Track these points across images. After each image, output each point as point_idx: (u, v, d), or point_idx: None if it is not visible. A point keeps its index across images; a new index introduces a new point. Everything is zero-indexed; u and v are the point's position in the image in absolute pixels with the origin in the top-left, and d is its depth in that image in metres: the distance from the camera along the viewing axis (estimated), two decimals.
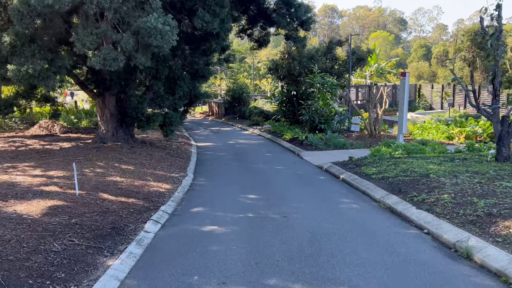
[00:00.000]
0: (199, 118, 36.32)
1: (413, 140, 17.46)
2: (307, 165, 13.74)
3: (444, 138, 17.04)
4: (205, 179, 11.49)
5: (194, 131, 25.54)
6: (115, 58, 8.64)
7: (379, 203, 8.65)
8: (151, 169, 11.65)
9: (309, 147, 16.72)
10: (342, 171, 11.77)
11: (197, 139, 21.70)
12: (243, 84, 33.46)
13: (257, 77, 46.68)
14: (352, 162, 12.78)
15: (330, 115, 20.52)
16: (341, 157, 14.21)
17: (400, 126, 16.33)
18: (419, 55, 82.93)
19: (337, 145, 16.46)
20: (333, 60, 23.86)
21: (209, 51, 13.65)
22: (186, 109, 16.76)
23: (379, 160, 12.34)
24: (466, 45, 30.56)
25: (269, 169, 13.03)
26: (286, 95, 23.53)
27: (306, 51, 23.81)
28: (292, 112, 23.32)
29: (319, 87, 20.82)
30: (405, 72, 16.10)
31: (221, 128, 27.07)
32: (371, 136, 18.34)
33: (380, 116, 18.32)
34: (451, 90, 29.67)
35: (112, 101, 14.63)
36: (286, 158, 15.41)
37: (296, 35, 17.21)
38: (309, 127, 20.57)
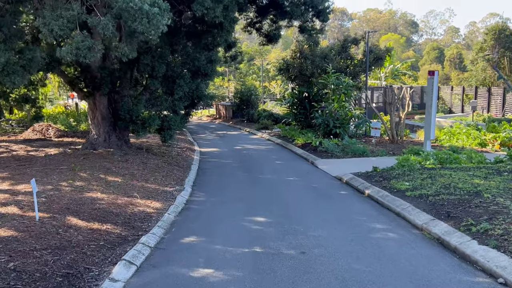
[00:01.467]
0: (206, 121, 34.54)
1: (440, 147, 15.44)
2: (324, 176, 11.83)
3: (476, 145, 15.03)
4: (204, 194, 9.62)
5: (199, 135, 23.73)
6: (90, 47, 6.84)
7: (422, 231, 6.72)
8: (142, 181, 9.83)
9: (324, 154, 14.79)
10: (367, 185, 9.83)
11: (202, 144, 19.88)
12: (251, 86, 31.62)
13: (266, 79, 44.83)
14: (378, 173, 10.83)
15: (346, 119, 18.58)
16: (362, 166, 12.29)
17: (427, 131, 14.33)
18: (432, 58, 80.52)
19: (356, 152, 14.51)
20: (347, 59, 21.93)
21: (212, 45, 11.84)
22: (188, 111, 14.94)
23: (409, 172, 10.39)
24: (490, 45, 28.39)
25: (280, 181, 11.14)
26: (298, 97, 21.63)
27: (319, 50, 21.92)
28: (304, 115, 21.40)
29: (334, 88, 18.91)
30: (433, 71, 14.13)
31: (228, 132, 25.24)
32: (392, 142, 16.37)
33: (402, 120, 16.34)
34: (473, 93, 27.55)
35: (103, 102, 12.86)
36: (299, 166, 13.50)
37: (311, 27, 15.26)
38: (323, 132, 18.65)
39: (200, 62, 12.33)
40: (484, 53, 28.85)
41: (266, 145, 19.28)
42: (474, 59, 30.41)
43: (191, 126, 29.59)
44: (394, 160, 13.20)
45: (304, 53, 20.97)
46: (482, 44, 29.61)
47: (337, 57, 20.99)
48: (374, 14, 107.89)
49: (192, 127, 28.59)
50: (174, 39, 11.94)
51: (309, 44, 21.52)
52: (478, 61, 29.24)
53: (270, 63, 45.97)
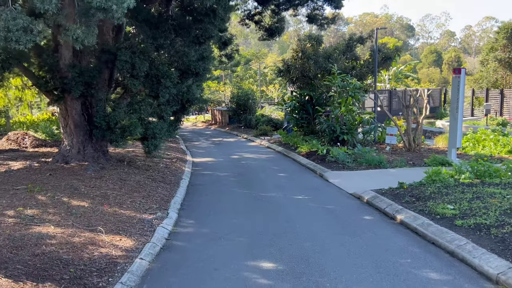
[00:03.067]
0: (201, 127, 32.44)
1: (465, 156, 13.43)
2: (338, 193, 9.77)
3: (506, 153, 13.04)
4: (194, 223, 7.53)
5: (193, 143, 21.64)
6: (25, 27, 4.84)
7: (499, 284, 4.67)
8: (115, 205, 7.73)
9: (333, 165, 12.74)
10: (396, 207, 7.78)
11: (195, 152, 17.78)
12: (248, 90, 29.60)
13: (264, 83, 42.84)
14: (406, 191, 8.80)
15: (354, 124, 16.56)
16: (382, 180, 10.30)
17: (452, 138, 12.33)
18: (429, 61, 78.89)
19: (371, 162, 12.46)
20: (353, 59, 19.93)
21: (204, 38, 9.80)
22: (178, 117, 12.85)
23: (445, 189, 8.36)
24: (502, 44, 26.51)
25: (287, 201, 9.06)
26: (299, 100, 19.60)
27: (321, 50, 19.94)
28: (307, 120, 19.36)
29: (339, 90, 16.91)
30: (459, 68, 12.13)
31: (224, 139, 23.16)
32: (409, 150, 14.34)
33: (420, 125, 14.32)
34: (483, 95, 25.63)
35: (76, 107, 10.78)
36: (306, 180, 11.45)
37: (322, 15, 13.15)
38: (329, 139, 16.62)
39: (190, 59, 10.26)
40: (495, 53, 27.01)
41: (266, 153, 17.22)
42: (484, 59, 28.55)
43: (185, 132, 27.51)
44: (417, 172, 11.23)
45: (307, 53, 18.96)
46: (493, 44, 27.73)
47: (342, 57, 18.99)
48: (370, 18, 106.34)
49: (186, 134, 26.50)
50: (158, 32, 9.88)
51: (311, 43, 19.54)
52: (489, 61, 27.37)
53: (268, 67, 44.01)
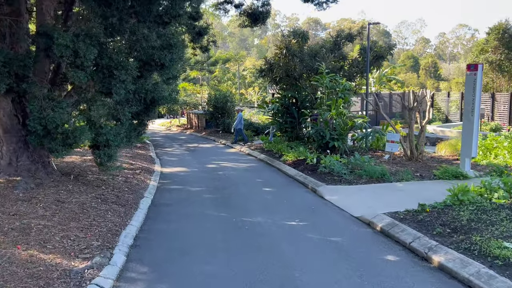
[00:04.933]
0: (176, 131, 29.88)
1: (477, 166, 11.53)
2: (340, 217, 7.61)
3: None
4: (147, 274, 5.17)
5: (165, 149, 19.18)
6: None
7: None
8: (36, 245, 5.33)
9: (328, 178, 10.60)
10: (427, 242, 5.66)
11: (166, 161, 15.37)
12: (227, 92, 27.31)
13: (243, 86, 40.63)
14: (430, 215, 6.72)
15: (345, 129, 14.52)
16: (391, 198, 8.32)
17: (466, 146, 10.37)
18: (407, 67, 78.36)
19: (373, 175, 10.37)
20: (340, 59, 17.94)
21: (169, 17, 7.49)
22: (141, 120, 10.45)
23: (483, 214, 6.33)
24: (493, 45, 25.12)
25: (278, 230, 6.83)
26: (283, 103, 17.46)
27: (307, 47, 17.91)
28: (292, 124, 17.23)
29: (328, 91, 14.86)
30: (476, 64, 10.23)
31: (200, 145, 20.78)
32: (410, 159, 12.36)
33: (424, 130, 12.36)
34: None
35: (5, 106, 8.31)
36: (297, 197, 9.26)
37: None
38: (317, 145, 14.56)
39: (151, 44, 7.90)
40: (486, 54, 25.60)
41: (247, 162, 14.98)
42: (473, 61, 27.13)
43: (157, 137, 24.97)
44: (429, 187, 9.26)
45: (292, 50, 16.86)
46: (483, 45, 26.34)
47: (330, 55, 16.96)
48: (348, 24, 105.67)
49: (158, 139, 23.98)
50: (110, 10, 7.51)
51: (297, 39, 17.48)
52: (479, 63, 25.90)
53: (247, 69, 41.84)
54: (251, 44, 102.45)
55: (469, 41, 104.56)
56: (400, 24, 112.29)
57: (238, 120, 19.54)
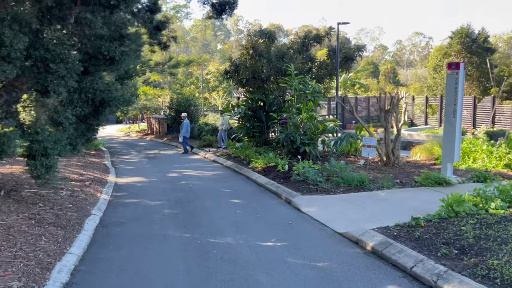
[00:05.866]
0: (135, 137, 28.06)
1: (457, 171, 10.86)
2: (323, 234, 6.56)
3: (503, 167, 10.68)
4: None
5: (122, 157, 17.58)
6: None
7: None
8: None
9: (302, 186, 9.57)
10: (433, 266, 4.68)
11: (122, 170, 13.86)
12: (190, 96, 25.90)
13: (207, 90, 39.25)
14: (427, 230, 5.79)
15: (316, 133, 13.62)
16: (375, 209, 7.46)
17: (448, 150, 9.64)
18: (367, 73, 79.62)
19: (351, 182, 9.43)
20: (309, 60, 17.08)
21: None
22: (90, 125, 8.99)
23: (488, 229, 5.45)
24: (456, 49, 25.20)
25: (252, 255, 5.67)
26: (250, 106, 16.37)
27: (275, 48, 16.96)
28: (260, 129, 16.17)
29: (298, 94, 13.93)
30: (457, 63, 9.53)
31: (161, 152, 19.29)
32: (387, 164, 11.57)
33: (400, 134, 11.61)
34: (437, 103, 24.03)
35: None
36: (271, 210, 8.14)
37: None
38: (287, 150, 13.54)
39: (97, 32, 6.56)
40: (449, 58, 25.66)
41: (213, 169, 13.73)
42: (437, 65, 27.24)
43: (114, 144, 23.21)
44: (414, 195, 8.43)
45: (259, 50, 15.83)
46: (446, 49, 26.42)
47: (298, 56, 16.06)
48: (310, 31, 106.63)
49: (115, 146, 22.24)
50: None
51: (264, 39, 16.48)
52: (442, 67, 25.97)
53: (210, 73, 40.53)
54: (214, 49, 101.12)
55: (424, 49, 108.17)
56: (360, 31, 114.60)
57: (185, 129, 18.18)
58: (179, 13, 45.36)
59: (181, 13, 47.05)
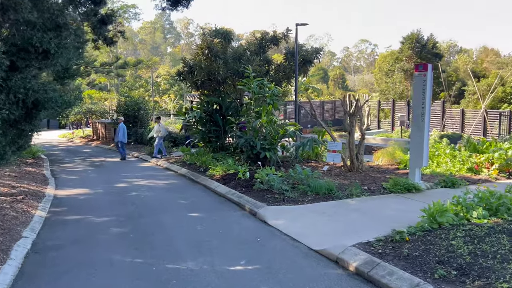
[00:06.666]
0: (79, 144, 26.00)
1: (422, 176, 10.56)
2: (295, 252, 5.79)
3: (467, 171, 10.53)
4: None
5: (64, 165, 15.93)
6: None
7: None
8: None
9: (267, 196, 8.79)
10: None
11: (64, 181, 12.38)
12: (139, 99, 24.41)
13: (157, 93, 37.58)
14: (414, 246, 5.19)
15: (276, 138, 12.95)
16: (348, 220, 6.93)
17: (416, 155, 9.27)
18: (317, 78, 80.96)
19: (319, 190, 8.78)
20: (266, 63, 16.42)
21: None
22: (21, 131, 7.64)
23: (482, 243, 4.97)
24: (407, 54, 25.71)
25: (219, 282, 4.78)
26: (206, 110, 15.40)
27: (231, 49, 16.17)
28: (216, 133, 15.24)
29: (256, 97, 13.20)
30: (425, 64, 9.20)
31: (108, 159, 17.78)
32: (351, 169, 11.09)
33: (364, 138, 11.17)
34: (389, 107, 24.32)
35: None
36: (235, 225, 7.27)
37: None
38: (246, 156, 12.75)
39: (24, 16, 5.37)
40: (401, 63, 26.13)
41: (166, 178, 12.62)
42: (389, 70, 27.68)
43: (55, 151, 21.27)
44: (386, 204, 7.98)
45: (215, 50, 14.93)
46: (398, 54, 26.92)
47: (256, 58, 15.35)
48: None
49: (57, 153, 20.35)
50: None
51: (220, 39, 15.62)
52: (394, 72, 26.41)
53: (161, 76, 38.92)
54: (164, 52, 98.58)
55: (370, 55, 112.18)
56: (309, 38, 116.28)
57: (121, 133, 16.92)
58: (127, 13, 43.31)
59: (129, 13, 44.98)
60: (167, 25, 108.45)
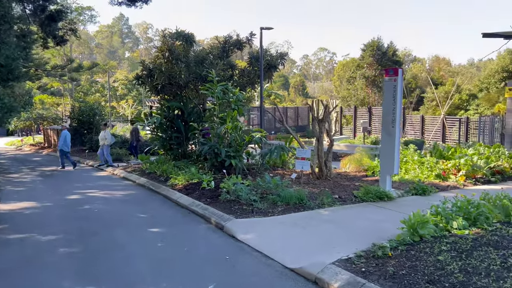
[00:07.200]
0: (28, 152, 24.19)
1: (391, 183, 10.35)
2: (269, 271, 5.25)
3: (435, 177, 10.43)
4: None
5: (9, 175, 14.56)
6: None
7: None
8: None
9: (235, 207, 8.20)
10: None
11: (8, 193, 11.19)
12: (95, 104, 23.09)
13: (114, 99, 36.02)
14: (399, 262, 4.78)
15: (242, 144, 12.42)
16: (323, 233, 6.53)
17: (387, 161, 9.01)
18: (279, 85, 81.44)
19: (289, 200, 8.29)
20: (229, 67, 15.86)
21: None
22: None
23: (474, 258, 4.63)
24: (368, 61, 26.00)
25: None
26: (167, 115, 14.60)
27: (193, 53, 15.52)
28: (178, 140, 14.47)
29: (220, 102, 12.63)
30: (395, 68, 8.97)
31: (60, 168, 16.50)
32: (319, 177, 10.71)
33: (332, 145, 10.84)
34: (351, 113, 24.46)
35: None
36: (201, 241, 6.63)
37: None
38: (210, 164, 12.12)
39: None
40: (362, 70, 26.41)
41: (123, 188, 11.73)
42: (351, 77, 27.91)
43: (1, 160, 19.60)
44: (360, 213, 7.67)
45: (176, 53, 14.18)
46: (359, 61, 27.20)
47: (219, 62, 14.76)
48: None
49: (2, 162, 18.76)
50: None
51: (181, 41, 14.92)
52: (356, 79, 26.63)
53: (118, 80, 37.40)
54: (122, 56, 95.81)
55: (328, 63, 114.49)
56: (270, 45, 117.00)
57: (62, 140, 15.87)
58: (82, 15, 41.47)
59: (84, 15, 43.09)
60: (125, 29, 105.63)
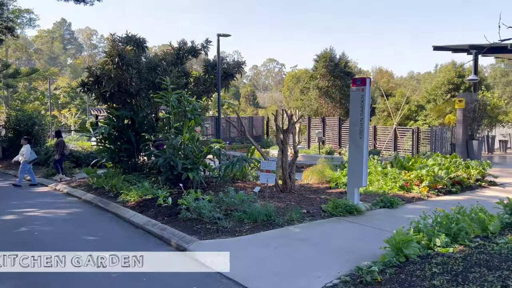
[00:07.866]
0: None
1: None
2: None
3: (399, 189, 10.25)
4: None
5: None
6: None
7: None
8: None
9: (198, 226, 7.42)
10: None
11: None
12: (34, 113, 21.16)
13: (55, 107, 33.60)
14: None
15: (200, 156, 11.66)
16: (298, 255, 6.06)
17: (355, 174, 8.65)
18: (230, 95, 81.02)
19: (257, 217, 7.64)
20: (184, 75, 15.04)
21: None
22: None
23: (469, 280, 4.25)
24: (321, 72, 26.11)
25: None
26: (116, 125, 13.46)
27: (145, 59, 14.59)
28: (128, 152, 13.35)
29: (175, 111, 11.82)
30: (363, 78, 8.68)
31: None
32: (283, 190, 10.18)
33: (297, 156, 10.37)
34: (305, 123, 24.40)
35: None
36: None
37: None
38: (165, 178, 11.21)
39: None
40: (315, 81, 26.49)
41: (68, 206, 10.50)
42: (304, 87, 27.89)
43: None
44: (334, 231, 7.28)
45: (127, 58, 13.15)
46: (313, 72, 27.30)
47: (174, 69, 13.91)
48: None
49: None
50: None
51: (132, 46, 13.94)
52: (310, 89, 26.64)
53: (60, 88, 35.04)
54: (64, 63, 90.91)
55: (277, 74, 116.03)
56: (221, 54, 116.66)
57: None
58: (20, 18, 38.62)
59: (22, 18, 40.15)
60: (67, 35, 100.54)
